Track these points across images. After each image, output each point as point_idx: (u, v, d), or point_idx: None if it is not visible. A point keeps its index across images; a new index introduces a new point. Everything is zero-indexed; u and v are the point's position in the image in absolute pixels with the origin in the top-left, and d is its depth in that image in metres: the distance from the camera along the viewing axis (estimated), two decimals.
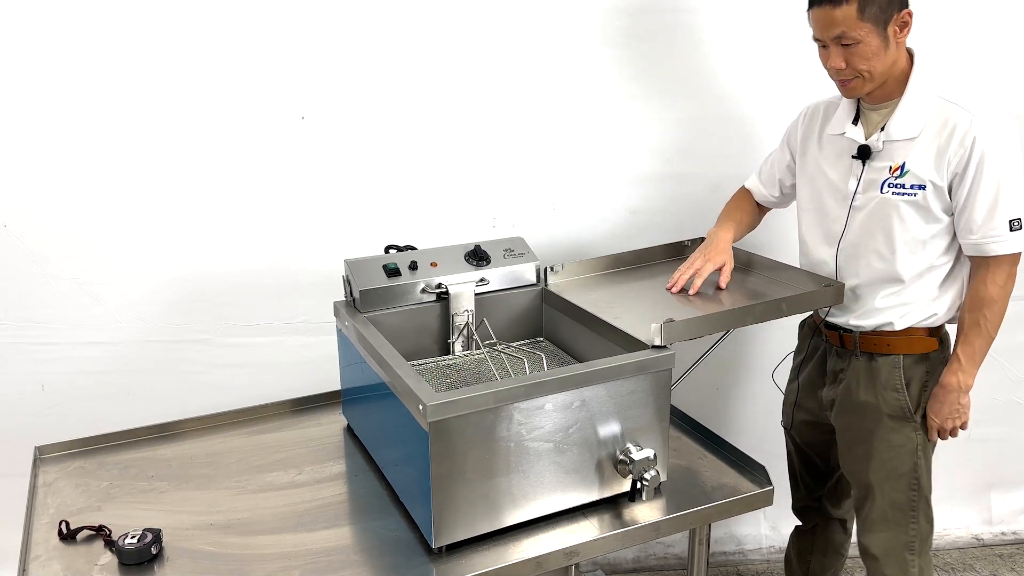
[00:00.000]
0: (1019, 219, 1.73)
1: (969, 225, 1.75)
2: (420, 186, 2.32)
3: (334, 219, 2.29)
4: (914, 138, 1.76)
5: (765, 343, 2.61)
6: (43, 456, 1.88)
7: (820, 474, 2.21)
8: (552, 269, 2.03)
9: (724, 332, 1.91)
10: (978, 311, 1.80)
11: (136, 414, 2.09)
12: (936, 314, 1.87)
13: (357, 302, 1.86)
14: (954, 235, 1.81)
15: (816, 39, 1.77)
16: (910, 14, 1.71)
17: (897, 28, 1.71)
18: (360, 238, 2.23)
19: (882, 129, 1.81)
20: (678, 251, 2.22)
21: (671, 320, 1.64)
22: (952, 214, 1.79)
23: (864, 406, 1.92)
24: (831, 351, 2.01)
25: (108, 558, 1.52)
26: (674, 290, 1.94)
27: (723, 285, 1.94)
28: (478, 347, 1.93)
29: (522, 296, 2.00)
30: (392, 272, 1.88)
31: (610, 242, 2.45)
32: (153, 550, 1.51)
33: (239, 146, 2.19)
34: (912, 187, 1.77)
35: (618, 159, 2.43)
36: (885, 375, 1.89)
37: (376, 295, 1.85)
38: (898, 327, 1.87)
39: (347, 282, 1.89)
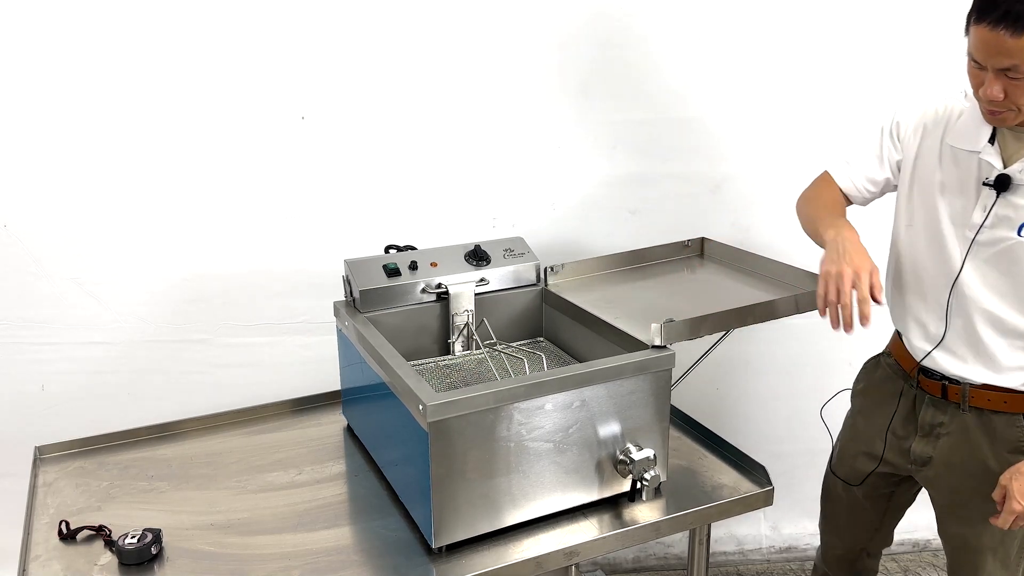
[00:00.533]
0: None
1: None
2: (420, 186, 2.32)
3: (334, 219, 2.29)
4: None
5: (765, 343, 2.61)
6: (43, 456, 1.88)
7: (868, 525, 1.98)
8: (552, 269, 2.03)
9: (724, 332, 1.91)
10: None
11: (136, 414, 2.09)
12: None
13: (357, 302, 1.86)
14: None
15: (973, 58, 1.47)
16: None
17: None
18: (360, 238, 2.23)
19: None
20: (678, 251, 2.22)
21: (671, 320, 1.64)
22: None
23: (978, 466, 1.68)
24: (924, 400, 1.74)
25: (108, 558, 1.52)
26: (836, 327, 1.54)
27: (880, 298, 1.53)
28: (478, 347, 1.93)
29: (522, 296, 2.00)
30: (392, 272, 1.88)
31: (610, 242, 2.45)
32: (153, 550, 1.51)
33: (239, 146, 2.19)
34: None
35: (618, 159, 2.43)
36: (1003, 433, 1.65)
37: (376, 295, 1.85)
38: (1019, 388, 1.62)
39: (347, 282, 1.89)
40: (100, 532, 1.57)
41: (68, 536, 1.57)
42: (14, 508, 1.72)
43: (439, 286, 1.90)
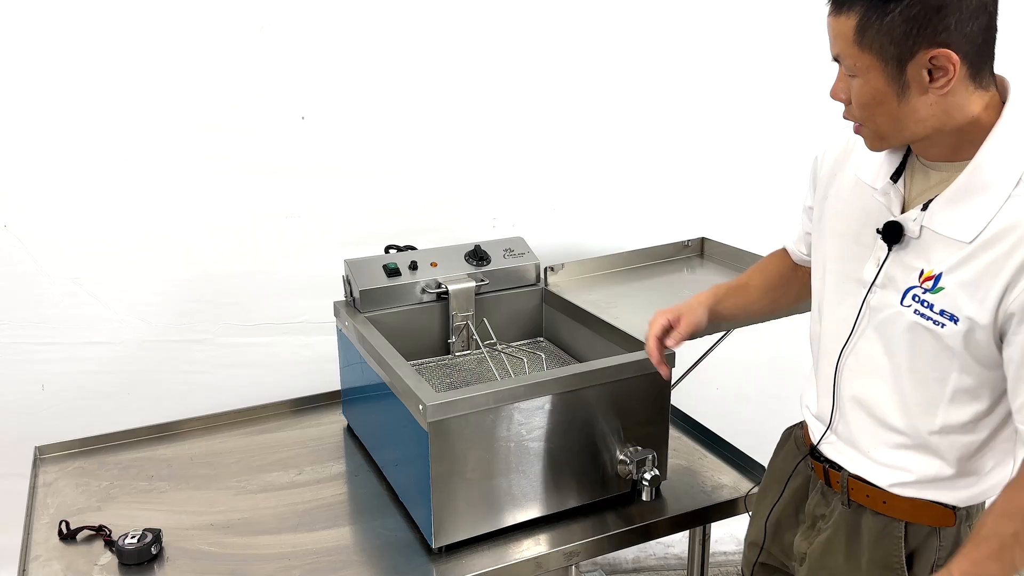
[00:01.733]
0: None
1: None
2: (420, 186, 2.32)
3: (334, 219, 2.29)
4: (967, 242, 1.12)
5: (765, 343, 2.61)
6: (43, 456, 1.88)
7: None
8: (552, 269, 2.03)
9: (724, 332, 1.91)
10: (1016, 521, 1.12)
11: (136, 414, 2.09)
12: (962, 494, 1.24)
13: (357, 302, 1.86)
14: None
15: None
16: (951, 59, 1.04)
17: (926, 74, 1.07)
18: (360, 238, 2.23)
19: (925, 207, 1.17)
20: (678, 251, 2.22)
21: None
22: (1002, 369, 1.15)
23: None
24: (815, 485, 1.41)
25: (108, 558, 1.52)
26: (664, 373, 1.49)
27: (671, 344, 1.45)
28: (478, 347, 1.93)
29: (522, 296, 2.00)
30: (392, 272, 1.88)
31: (610, 242, 2.45)
32: (153, 550, 1.51)
33: (239, 146, 2.19)
34: (942, 314, 1.14)
35: (618, 159, 2.43)
36: (878, 541, 1.28)
37: (376, 295, 1.85)
38: (899, 492, 1.27)
39: (347, 282, 1.89)
40: (100, 532, 1.57)
41: (68, 536, 1.57)
42: (14, 508, 1.72)
43: (439, 286, 1.90)
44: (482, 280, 1.93)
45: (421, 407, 1.42)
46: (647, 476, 1.57)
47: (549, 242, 2.39)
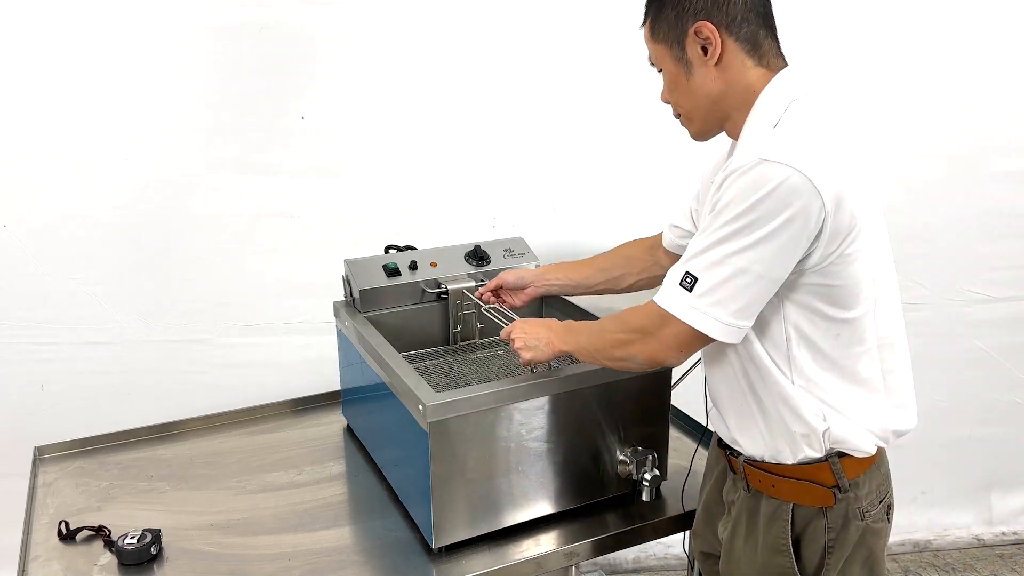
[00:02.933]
0: (691, 274, 1.21)
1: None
2: (420, 186, 2.32)
3: (334, 219, 2.29)
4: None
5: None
6: (43, 456, 1.88)
7: None
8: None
9: None
10: (617, 326, 1.36)
11: (136, 414, 2.09)
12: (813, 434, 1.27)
13: (357, 302, 1.85)
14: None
15: None
16: (710, 29, 1.23)
17: (699, 48, 1.26)
18: (360, 238, 2.23)
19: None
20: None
21: None
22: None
23: (748, 566, 1.36)
24: (729, 471, 1.45)
25: (108, 558, 1.52)
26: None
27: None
28: (478, 348, 1.93)
29: None
30: (392, 272, 1.88)
31: (610, 242, 2.44)
32: (153, 550, 1.50)
33: (239, 146, 2.19)
34: None
35: (618, 159, 2.42)
36: (766, 525, 1.33)
37: (376, 295, 1.85)
38: (767, 458, 1.32)
39: (347, 282, 1.89)
40: (100, 532, 1.57)
41: (68, 536, 1.57)
42: (14, 508, 1.72)
43: (439, 286, 1.90)
44: (482, 280, 1.92)
45: (421, 407, 1.42)
46: (647, 476, 1.57)
47: (549, 242, 2.39)
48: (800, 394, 1.27)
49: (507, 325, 1.59)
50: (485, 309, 1.85)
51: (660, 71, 1.35)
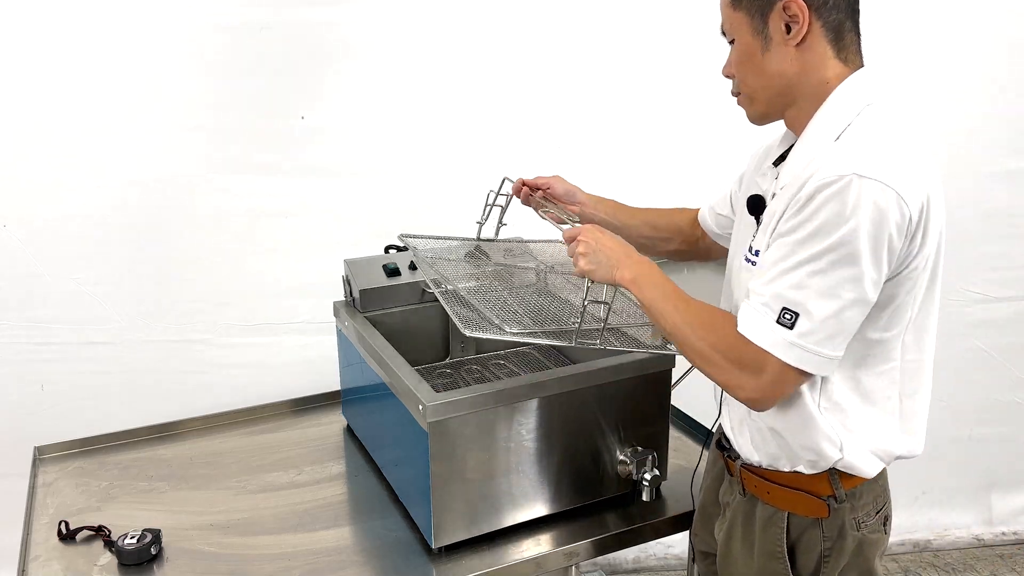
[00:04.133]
0: (790, 310, 1.12)
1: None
2: (420, 186, 2.32)
3: (334, 219, 2.29)
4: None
5: None
6: (43, 456, 1.88)
7: None
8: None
9: None
10: (686, 310, 1.27)
11: (136, 414, 2.08)
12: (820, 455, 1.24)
13: (357, 302, 1.85)
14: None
15: None
16: (800, 6, 1.15)
17: (783, 25, 1.18)
18: (360, 238, 2.23)
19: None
20: None
21: None
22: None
23: (738, 567, 1.36)
24: (726, 473, 1.44)
25: (108, 558, 1.52)
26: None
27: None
28: (478, 347, 1.93)
29: None
30: (392, 272, 1.88)
31: None
32: (153, 550, 1.50)
33: (239, 146, 2.19)
34: (756, 253, 1.24)
35: (618, 159, 2.42)
36: (762, 530, 1.32)
37: (376, 295, 1.85)
38: (764, 464, 1.31)
39: (347, 282, 1.89)
40: (100, 532, 1.57)
41: (68, 536, 1.57)
42: (14, 508, 1.72)
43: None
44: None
45: (421, 407, 1.42)
46: (647, 476, 1.57)
47: None
48: (824, 420, 1.21)
49: (571, 226, 1.43)
50: (543, 210, 1.73)
51: (731, 42, 1.25)
